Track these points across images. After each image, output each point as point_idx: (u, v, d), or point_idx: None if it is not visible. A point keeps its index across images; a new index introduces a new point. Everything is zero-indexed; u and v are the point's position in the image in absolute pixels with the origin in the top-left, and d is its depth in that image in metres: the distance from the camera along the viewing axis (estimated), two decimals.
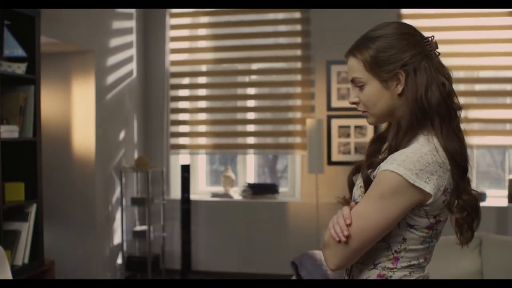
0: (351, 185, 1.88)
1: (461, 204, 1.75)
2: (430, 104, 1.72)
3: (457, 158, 1.71)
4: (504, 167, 5.72)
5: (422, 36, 1.80)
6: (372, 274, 1.78)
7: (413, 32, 1.80)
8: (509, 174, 5.52)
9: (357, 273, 1.82)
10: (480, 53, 5.38)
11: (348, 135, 5.51)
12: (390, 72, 1.75)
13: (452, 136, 1.73)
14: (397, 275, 1.75)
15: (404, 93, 1.75)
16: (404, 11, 5.47)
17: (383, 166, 1.69)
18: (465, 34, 5.38)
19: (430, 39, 1.79)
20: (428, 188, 1.66)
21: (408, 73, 1.74)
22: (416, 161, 1.66)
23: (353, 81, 1.84)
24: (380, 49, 1.77)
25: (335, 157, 5.54)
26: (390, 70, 1.75)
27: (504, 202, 5.33)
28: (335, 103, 5.53)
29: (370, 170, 1.80)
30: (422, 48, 1.77)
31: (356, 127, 5.49)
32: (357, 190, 1.82)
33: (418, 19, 5.44)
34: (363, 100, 1.85)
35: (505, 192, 5.38)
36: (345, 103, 5.49)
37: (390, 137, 1.78)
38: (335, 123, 5.53)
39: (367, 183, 1.75)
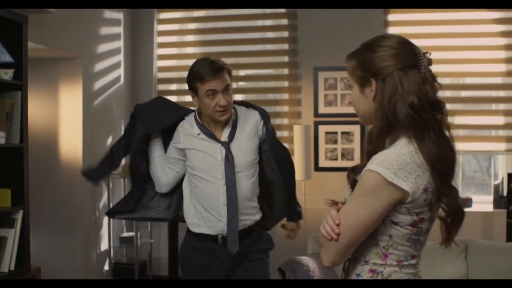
0: (353, 183, 1.98)
1: (441, 206, 1.84)
2: (394, 113, 1.83)
3: (434, 163, 1.80)
4: (489, 172, 5.77)
5: (413, 50, 1.88)
6: (364, 270, 1.89)
7: (396, 47, 1.87)
8: (494, 180, 5.57)
9: (352, 269, 1.94)
10: (466, 60, 5.43)
11: (335, 141, 5.53)
12: (363, 79, 1.89)
13: (427, 143, 1.81)
14: (387, 270, 1.86)
15: (375, 100, 1.88)
16: (391, 17, 5.51)
17: (366, 167, 1.82)
18: (451, 41, 5.43)
19: (423, 54, 1.88)
20: (406, 186, 1.76)
21: (377, 81, 1.86)
22: (394, 161, 1.77)
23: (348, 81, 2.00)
24: (362, 57, 1.90)
25: (322, 163, 5.56)
26: (364, 76, 1.89)
27: (489, 208, 5.36)
28: (322, 109, 5.55)
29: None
30: (402, 61, 1.85)
31: (343, 133, 5.51)
32: (347, 191, 1.95)
33: (405, 26, 5.48)
34: (351, 100, 2.00)
35: (491, 198, 5.42)
36: (332, 109, 5.52)
37: (365, 145, 1.93)
38: (322, 129, 5.55)
39: (353, 185, 1.88)
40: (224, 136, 3.20)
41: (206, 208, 3.14)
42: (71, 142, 5.10)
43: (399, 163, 1.77)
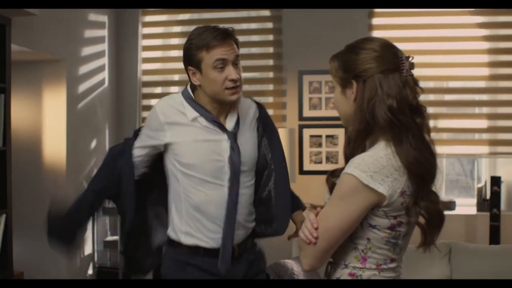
0: (332, 186, 1.99)
1: (418, 210, 1.83)
2: (373, 116, 1.84)
3: (411, 167, 1.80)
4: (473, 176, 5.80)
5: (395, 53, 1.89)
6: (344, 273, 1.90)
7: (379, 49, 1.88)
8: (478, 183, 5.61)
9: (332, 272, 1.94)
10: (449, 63, 5.46)
11: (319, 145, 5.54)
12: (345, 80, 1.91)
13: (405, 147, 1.82)
14: (366, 274, 1.86)
15: (355, 101, 1.89)
16: (376, 21, 5.53)
17: (344, 170, 1.83)
18: (434, 45, 5.45)
19: (405, 57, 1.88)
20: (382, 189, 1.77)
21: (358, 83, 1.87)
22: (371, 164, 1.78)
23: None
24: (345, 59, 1.92)
25: (307, 166, 5.57)
26: (345, 78, 1.91)
27: (473, 211, 5.39)
28: (307, 112, 5.56)
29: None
30: (384, 64, 1.86)
31: (327, 136, 5.52)
32: (327, 194, 1.97)
33: (389, 30, 5.50)
34: (334, 101, 2.02)
35: (474, 201, 5.45)
36: (317, 113, 5.53)
37: (344, 147, 1.95)
38: (307, 132, 5.56)
39: (332, 189, 1.89)
40: (229, 124, 2.62)
41: (206, 216, 2.56)
42: (54, 146, 5.07)
43: (376, 166, 1.78)
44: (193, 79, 2.58)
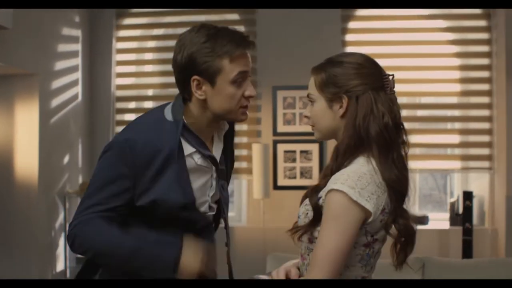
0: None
1: (397, 227, 1.83)
2: (367, 133, 1.83)
3: (393, 185, 1.81)
4: (446, 190, 5.86)
5: (381, 71, 1.91)
6: None
7: (368, 66, 1.90)
8: (450, 198, 5.66)
9: None
10: (422, 79, 5.53)
11: (293, 160, 5.55)
12: (334, 94, 1.87)
13: (390, 165, 1.83)
14: None
15: (345, 117, 1.87)
16: (348, 37, 5.58)
17: (327, 187, 1.79)
18: (407, 61, 5.52)
19: (389, 76, 1.90)
20: (369, 206, 1.75)
21: (350, 99, 1.85)
22: (357, 180, 1.76)
23: (308, 96, 1.97)
24: (333, 73, 1.89)
25: (281, 181, 5.57)
26: (335, 92, 1.87)
27: (446, 225, 5.44)
28: (281, 128, 5.57)
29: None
30: (373, 81, 1.87)
31: (301, 151, 5.54)
32: (303, 208, 1.92)
33: (362, 46, 5.55)
34: (312, 115, 1.96)
35: (447, 215, 5.50)
36: (291, 128, 5.55)
37: (331, 161, 1.90)
38: (281, 148, 5.57)
39: (316, 208, 1.83)
40: (216, 153, 2.22)
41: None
42: (27, 161, 5.01)
43: (362, 183, 1.76)
44: (197, 92, 2.07)
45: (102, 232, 2.07)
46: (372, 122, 1.83)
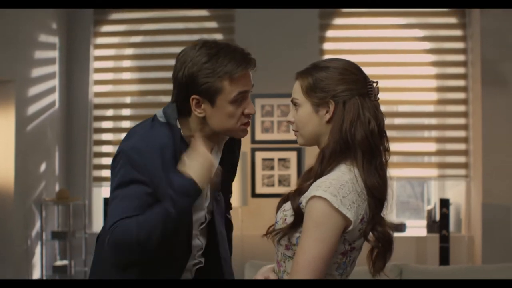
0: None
1: (375, 235, 1.83)
2: (353, 138, 1.83)
3: (375, 192, 1.81)
4: (423, 198, 5.90)
5: (365, 78, 1.94)
6: None
7: (354, 71, 1.93)
8: (427, 205, 5.70)
9: None
10: (399, 88, 5.58)
11: (271, 168, 5.56)
12: (321, 99, 1.88)
13: (373, 172, 1.83)
14: None
15: (331, 122, 1.87)
16: (326, 46, 5.61)
17: (309, 193, 1.78)
18: (385, 70, 5.57)
19: (373, 83, 1.93)
20: (349, 214, 1.75)
21: (337, 104, 1.86)
22: (339, 188, 1.76)
23: (292, 101, 1.96)
24: (319, 78, 1.90)
25: (259, 189, 5.57)
26: (321, 97, 1.88)
27: (423, 232, 5.48)
28: (259, 136, 5.57)
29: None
30: (360, 87, 1.89)
31: (279, 159, 5.54)
32: (281, 213, 1.91)
33: (340, 54, 5.56)
34: (296, 120, 1.95)
35: (424, 222, 5.54)
36: (269, 136, 5.55)
37: (316, 165, 1.88)
38: (259, 155, 5.57)
39: (298, 212, 1.82)
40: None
41: None
42: (2, 168, 4.96)
43: (344, 191, 1.76)
44: (196, 109, 2.07)
45: (138, 219, 2.01)
46: (359, 128, 1.84)
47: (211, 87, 2.03)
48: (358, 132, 1.83)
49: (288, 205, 1.89)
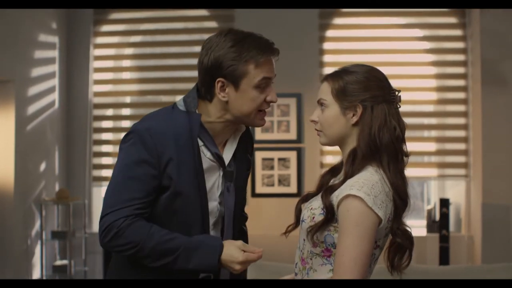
0: (298, 213, 2.05)
1: (399, 234, 1.91)
2: (381, 141, 1.92)
3: (401, 194, 1.90)
4: (423, 197, 5.90)
5: (390, 86, 2.02)
6: None
7: (381, 78, 2.02)
8: (427, 205, 5.70)
9: None
10: (399, 88, 5.54)
11: (271, 167, 5.55)
12: (350, 102, 1.96)
13: (397, 174, 1.92)
14: None
15: (358, 125, 1.95)
16: (326, 46, 5.60)
17: (341, 192, 1.86)
18: (384, 70, 5.52)
19: (397, 92, 2.02)
20: (381, 213, 1.84)
21: (365, 108, 1.95)
22: (371, 187, 1.84)
23: (318, 101, 2.03)
24: (349, 82, 1.97)
25: (259, 189, 5.57)
26: (351, 100, 1.96)
27: (423, 232, 5.48)
28: (259, 135, 5.57)
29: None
30: (385, 94, 1.98)
31: (279, 159, 5.54)
32: (308, 212, 1.97)
33: (339, 54, 5.60)
34: (321, 120, 2.02)
35: (424, 222, 5.54)
36: (269, 136, 5.55)
37: (347, 165, 1.95)
38: (259, 155, 5.57)
39: (330, 209, 1.88)
40: (226, 157, 2.25)
41: None
42: (2, 168, 4.96)
43: (375, 190, 1.84)
44: (220, 93, 2.11)
45: (151, 229, 2.05)
46: (386, 133, 1.93)
47: (236, 70, 2.08)
48: (385, 136, 1.93)
49: (315, 204, 1.96)
